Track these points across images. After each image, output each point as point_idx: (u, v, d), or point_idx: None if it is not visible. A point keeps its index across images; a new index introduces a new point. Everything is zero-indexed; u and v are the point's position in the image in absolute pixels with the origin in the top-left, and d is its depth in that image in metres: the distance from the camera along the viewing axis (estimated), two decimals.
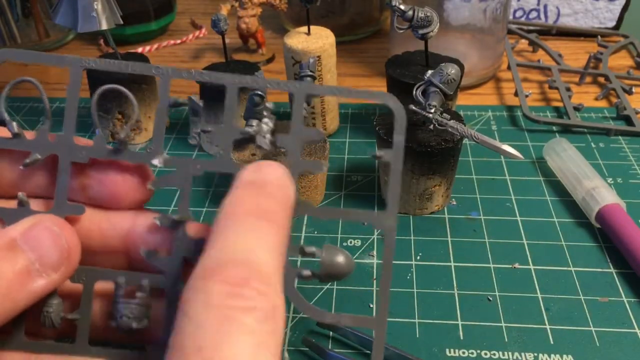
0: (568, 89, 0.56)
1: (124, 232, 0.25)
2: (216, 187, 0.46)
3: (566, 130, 0.52)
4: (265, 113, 0.26)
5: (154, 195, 0.26)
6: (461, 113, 0.49)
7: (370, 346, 0.33)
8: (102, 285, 0.25)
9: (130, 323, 0.23)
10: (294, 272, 0.24)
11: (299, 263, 0.37)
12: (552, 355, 0.33)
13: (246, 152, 0.42)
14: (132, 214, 0.26)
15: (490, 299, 0.36)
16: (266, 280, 0.19)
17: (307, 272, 0.24)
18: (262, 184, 0.22)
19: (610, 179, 0.46)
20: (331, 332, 0.34)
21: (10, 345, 0.24)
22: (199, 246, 0.24)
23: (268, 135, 0.25)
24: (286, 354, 0.33)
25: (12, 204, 0.24)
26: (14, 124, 0.24)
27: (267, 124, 0.25)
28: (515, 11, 0.69)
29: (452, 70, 0.38)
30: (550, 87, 0.57)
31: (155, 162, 0.24)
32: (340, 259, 0.23)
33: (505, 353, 0.33)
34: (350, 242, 0.41)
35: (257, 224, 0.20)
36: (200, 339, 0.17)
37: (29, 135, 0.25)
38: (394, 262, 0.39)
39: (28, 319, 0.24)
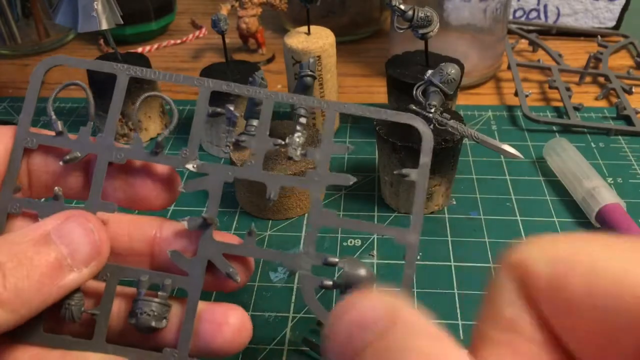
0: (568, 89, 0.56)
1: (151, 236, 0.26)
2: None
3: (566, 130, 0.52)
4: (298, 127, 0.26)
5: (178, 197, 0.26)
6: (461, 113, 0.49)
7: None
8: (124, 288, 0.25)
9: (149, 321, 0.24)
10: (316, 280, 0.24)
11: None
12: None
13: (246, 152, 0.42)
14: (159, 219, 0.26)
15: None
16: None
17: (328, 282, 0.24)
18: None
19: (610, 179, 0.46)
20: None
21: (29, 337, 0.23)
22: (222, 249, 0.25)
23: (299, 148, 0.26)
24: None
25: None
26: (59, 122, 0.25)
27: (299, 137, 0.26)
28: (515, 11, 0.69)
29: (452, 70, 0.38)
30: (550, 87, 0.57)
31: (190, 166, 0.25)
32: (362, 272, 0.24)
33: None
34: (350, 242, 0.41)
35: None
36: None
37: (72, 136, 0.26)
38: (393, 262, 0.39)
39: (47, 312, 0.24)
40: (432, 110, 0.38)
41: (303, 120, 0.26)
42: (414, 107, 0.39)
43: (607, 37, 0.67)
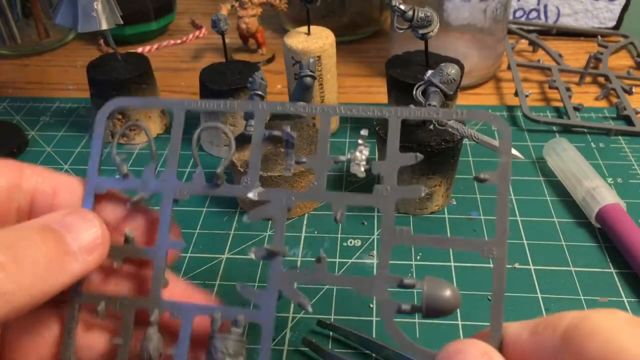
0: (568, 89, 0.56)
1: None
2: None
3: (566, 130, 0.52)
4: (360, 141, 0.26)
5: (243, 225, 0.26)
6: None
7: (369, 346, 0.33)
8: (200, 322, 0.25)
9: (224, 359, 0.23)
10: (393, 305, 0.23)
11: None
12: None
13: (246, 152, 0.42)
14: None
15: (490, 299, 0.36)
16: None
17: (406, 307, 0.22)
18: None
19: (610, 179, 0.46)
20: (331, 332, 0.34)
21: None
22: (291, 280, 0.24)
23: (363, 163, 0.25)
24: None
25: None
26: (125, 166, 0.26)
27: (362, 152, 0.25)
28: (515, 11, 0.69)
29: (452, 70, 0.38)
30: (550, 87, 0.57)
31: (251, 195, 0.25)
32: (447, 293, 0.22)
33: None
34: (350, 242, 0.41)
35: None
36: None
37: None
38: (393, 262, 0.39)
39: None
40: None
41: (364, 132, 0.25)
42: (414, 107, 0.39)
43: (607, 37, 0.67)
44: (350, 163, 0.25)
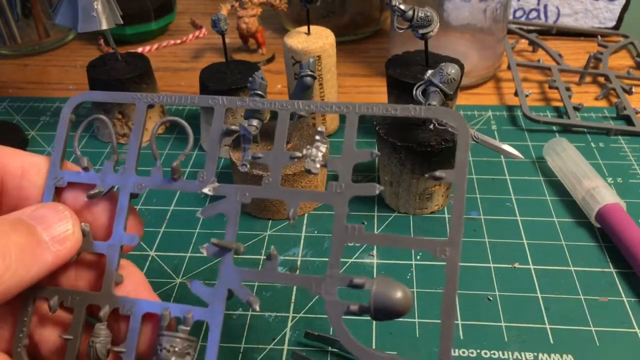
0: (568, 89, 0.56)
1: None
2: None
3: (566, 130, 0.52)
4: (317, 137, 0.25)
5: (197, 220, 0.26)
6: (461, 113, 0.49)
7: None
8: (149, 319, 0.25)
9: (169, 357, 0.23)
10: (341, 305, 0.22)
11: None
12: (552, 355, 0.33)
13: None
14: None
15: (490, 298, 0.36)
16: None
17: (354, 307, 0.22)
18: None
19: (610, 178, 0.46)
20: (329, 347, 0.34)
21: None
22: (242, 277, 0.24)
23: (319, 159, 0.25)
24: None
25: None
26: (85, 159, 0.26)
27: (319, 148, 0.25)
28: (515, 11, 0.69)
29: (452, 70, 0.38)
30: (550, 87, 0.57)
31: (206, 190, 0.25)
32: (397, 294, 0.21)
33: (505, 353, 0.33)
34: (350, 242, 0.41)
35: None
36: None
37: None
38: (393, 261, 0.39)
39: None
40: None
41: (321, 128, 0.25)
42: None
43: (607, 37, 0.67)
44: (306, 159, 0.25)
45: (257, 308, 0.23)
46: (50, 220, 0.23)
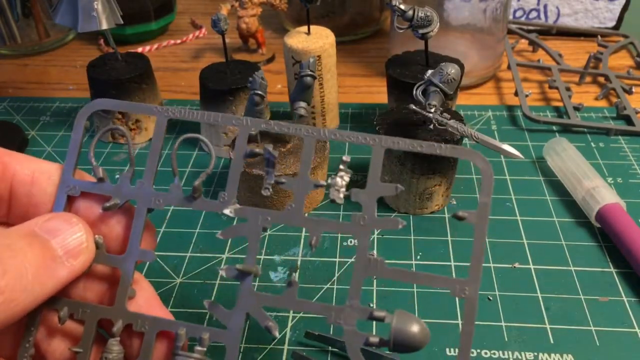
0: (568, 89, 0.56)
1: None
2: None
3: (566, 130, 0.52)
4: (341, 167, 0.25)
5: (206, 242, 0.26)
6: (461, 113, 0.49)
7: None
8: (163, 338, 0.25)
9: None
10: (361, 337, 0.22)
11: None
12: (552, 355, 0.33)
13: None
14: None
15: (491, 298, 0.36)
16: None
17: (374, 339, 0.22)
18: None
19: (610, 178, 0.46)
20: (330, 347, 0.34)
21: None
22: (262, 302, 0.24)
23: (343, 189, 0.25)
24: None
25: None
26: (100, 169, 0.25)
27: (343, 177, 0.25)
28: (515, 11, 0.69)
29: (452, 69, 0.38)
30: (550, 87, 0.57)
31: (227, 211, 0.25)
32: (415, 328, 0.22)
33: (505, 352, 0.33)
34: (350, 242, 0.41)
35: None
36: None
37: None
38: (393, 262, 0.39)
39: None
40: (432, 110, 0.38)
41: (346, 158, 0.25)
42: (414, 107, 0.39)
43: (607, 37, 0.67)
44: (329, 188, 0.25)
45: (277, 334, 0.24)
46: (63, 233, 0.23)
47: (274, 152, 0.24)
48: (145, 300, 0.25)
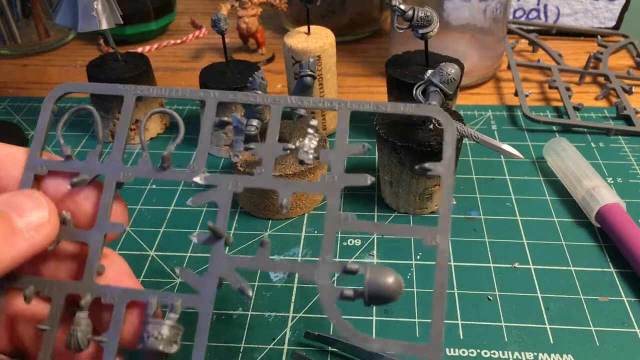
0: (568, 89, 0.56)
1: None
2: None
3: (566, 130, 0.52)
4: (310, 130, 0.25)
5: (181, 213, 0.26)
6: (461, 113, 0.49)
7: (362, 354, 0.32)
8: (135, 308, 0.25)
9: (157, 345, 0.22)
10: (335, 291, 0.22)
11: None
12: (552, 355, 0.33)
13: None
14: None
15: (490, 298, 0.36)
16: None
17: (349, 292, 0.22)
18: None
19: (610, 178, 0.46)
20: (330, 347, 0.34)
21: None
22: (234, 265, 0.24)
23: (311, 151, 0.25)
24: None
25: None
26: (69, 148, 0.26)
27: (311, 140, 0.25)
28: (515, 11, 0.69)
29: (452, 69, 0.38)
30: (550, 87, 0.57)
31: (197, 179, 0.25)
32: (390, 279, 0.22)
33: (505, 352, 0.33)
34: (350, 242, 0.41)
35: None
36: None
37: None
38: (393, 261, 0.39)
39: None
40: None
41: (314, 122, 0.25)
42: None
43: (607, 37, 0.67)
44: (299, 150, 0.25)
45: (250, 293, 0.23)
46: (25, 207, 0.23)
47: (241, 119, 0.25)
48: (115, 274, 0.25)
